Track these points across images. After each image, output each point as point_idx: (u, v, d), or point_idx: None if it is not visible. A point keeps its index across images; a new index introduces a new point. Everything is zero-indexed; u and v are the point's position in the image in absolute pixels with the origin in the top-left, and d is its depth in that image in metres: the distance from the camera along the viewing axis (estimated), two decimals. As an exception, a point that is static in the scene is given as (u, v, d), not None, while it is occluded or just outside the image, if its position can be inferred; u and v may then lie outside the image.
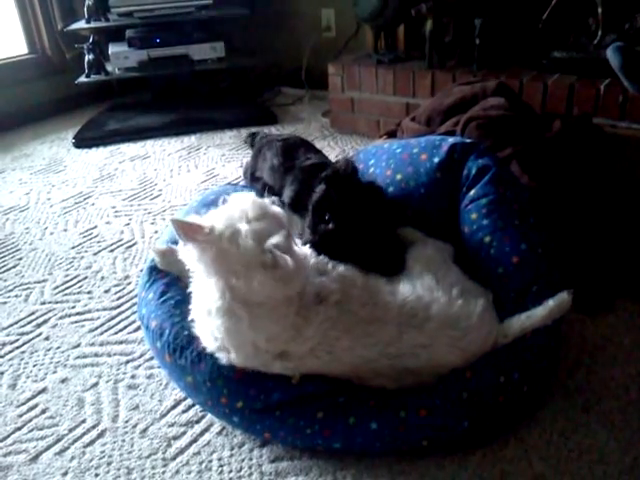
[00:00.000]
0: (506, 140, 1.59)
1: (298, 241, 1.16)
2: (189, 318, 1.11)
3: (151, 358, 1.35)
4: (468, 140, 1.41)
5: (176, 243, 1.29)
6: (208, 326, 1.05)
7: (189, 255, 1.00)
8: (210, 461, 1.10)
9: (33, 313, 1.58)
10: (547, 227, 1.29)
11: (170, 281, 1.29)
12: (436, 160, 1.35)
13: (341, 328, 1.03)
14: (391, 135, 2.07)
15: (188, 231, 0.97)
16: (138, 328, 1.46)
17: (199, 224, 0.98)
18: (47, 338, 1.48)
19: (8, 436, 1.19)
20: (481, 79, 2.07)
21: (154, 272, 1.32)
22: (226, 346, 1.04)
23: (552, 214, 1.40)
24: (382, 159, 1.45)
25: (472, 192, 1.31)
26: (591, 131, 1.75)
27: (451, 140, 1.39)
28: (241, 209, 1.00)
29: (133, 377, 1.33)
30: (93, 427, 1.20)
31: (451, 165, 1.35)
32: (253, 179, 1.70)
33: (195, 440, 1.15)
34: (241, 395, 1.07)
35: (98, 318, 1.54)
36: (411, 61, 2.53)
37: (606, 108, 1.99)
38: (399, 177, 1.38)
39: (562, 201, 1.48)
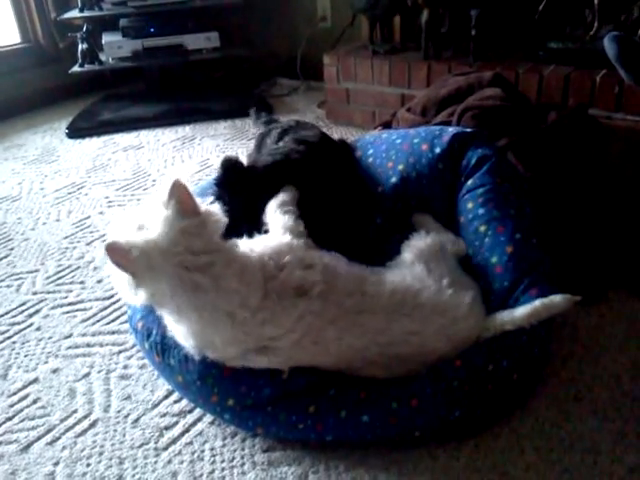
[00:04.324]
0: (501, 130, 1.59)
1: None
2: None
3: (143, 348, 1.35)
4: (469, 129, 1.40)
5: None
6: (183, 327, 1.02)
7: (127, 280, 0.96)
8: (202, 451, 1.10)
9: (25, 303, 1.57)
10: (543, 218, 1.29)
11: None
12: (437, 150, 1.35)
13: (326, 319, 1.02)
14: (386, 126, 2.06)
15: (123, 259, 0.92)
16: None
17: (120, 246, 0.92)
18: (39, 328, 1.47)
19: (-1, 426, 1.19)
20: (477, 70, 2.07)
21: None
22: (206, 336, 1.01)
23: (546, 204, 1.40)
24: (381, 149, 1.44)
25: (470, 182, 1.31)
26: (586, 122, 1.74)
27: (451, 130, 1.38)
28: (133, 214, 1.00)
29: (125, 367, 1.32)
30: (85, 417, 1.20)
31: (452, 155, 1.34)
32: None
33: (187, 430, 1.15)
34: (231, 393, 1.07)
35: (90, 308, 1.53)
36: (407, 52, 2.52)
37: (602, 99, 1.98)
38: (401, 167, 1.38)
39: (557, 192, 1.48)
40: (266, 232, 1.17)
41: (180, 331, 1.03)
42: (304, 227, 1.17)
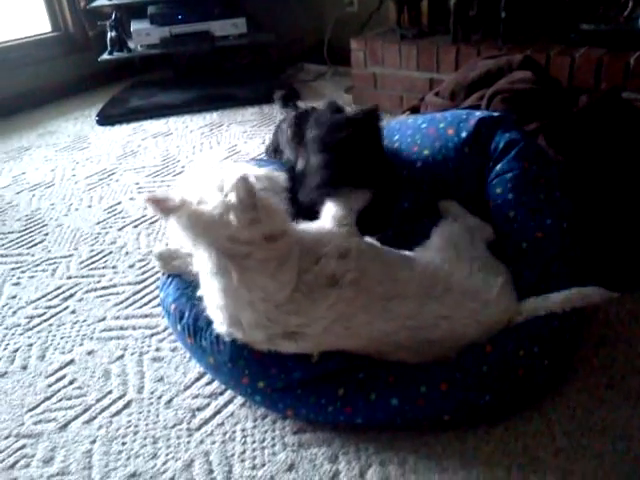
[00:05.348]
0: (532, 114, 1.57)
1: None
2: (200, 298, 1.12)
3: (175, 331, 1.38)
4: (496, 113, 1.39)
5: None
6: (213, 299, 1.05)
7: (175, 229, 1.03)
8: (234, 432, 1.12)
9: (60, 287, 1.61)
10: (574, 202, 1.28)
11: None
12: (464, 135, 1.34)
13: (358, 305, 1.03)
14: (414, 111, 2.05)
15: (161, 205, 1.00)
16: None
17: (168, 196, 1.00)
18: (73, 311, 1.50)
19: (38, 405, 1.23)
20: (507, 53, 2.04)
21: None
22: (232, 316, 1.03)
23: (579, 189, 1.38)
24: (407, 134, 1.44)
25: (498, 166, 1.30)
26: (620, 106, 1.71)
27: (478, 114, 1.37)
28: (210, 178, 1.02)
29: (157, 350, 1.35)
30: (119, 398, 1.23)
31: (479, 139, 1.33)
32: (275, 153, 1.69)
33: (219, 411, 1.17)
34: (262, 375, 1.08)
35: (123, 292, 1.56)
36: (435, 36, 2.49)
37: (636, 82, 1.94)
38: (426, 152, 1.37)
39: (589, 176, 1.45)
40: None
41: (213, 300, 1.05)
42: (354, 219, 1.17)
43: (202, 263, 1.04)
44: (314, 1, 3.23)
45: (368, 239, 1.15)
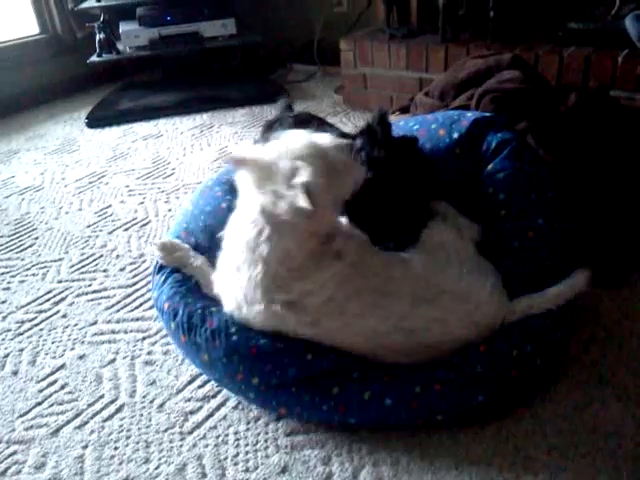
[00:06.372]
0: (521, 114, 1.57)
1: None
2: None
3: (167, 335, 1.37)
4: (488, 114, 1.39)
5: (179, 238, 1.31)
6: (231, 260, 1.09)
7: (240, 175, 1.08)
8: (227, 435, 1.12)
9: (50, 291, 1.60)
10: (565, 201, 1.28)
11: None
12: (455, 136, 1.34)
13: (352, 288, 1.05)
14: (404, 111, 2.06)
15: (240, 162, 1.05)
16: (154, 306, 1.47)
17: (250, 158, 1.04)
18: (65, 316, 1.50)
19: (29, 410, 1.22)
20: (496, 52, 2.04)
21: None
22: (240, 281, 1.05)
23: (568, 188, 1.39)
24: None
25: (490, 166, 1.31)
26: (608, 104, 1.72)
27: (470, 115, 1.37)
28: (292, 147, 1.04)
29: (149, 353, 1.34)
30: (111, 402, 1.22)
31: (471, 140, 1.33)
32: None
33: (211, 414, 1.17)
34: (256, 371, 1.08)
35: (114, 296, 1.56)
36: (424, 35, 2.50)
37: (624, 80, 1.95)
38: None
39: (578, 175, 1.46)
40: None
41: (228, 266, 1.09)
42: None
43: (239, 213, 1.08)
44: (303, 1, 3.23)
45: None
